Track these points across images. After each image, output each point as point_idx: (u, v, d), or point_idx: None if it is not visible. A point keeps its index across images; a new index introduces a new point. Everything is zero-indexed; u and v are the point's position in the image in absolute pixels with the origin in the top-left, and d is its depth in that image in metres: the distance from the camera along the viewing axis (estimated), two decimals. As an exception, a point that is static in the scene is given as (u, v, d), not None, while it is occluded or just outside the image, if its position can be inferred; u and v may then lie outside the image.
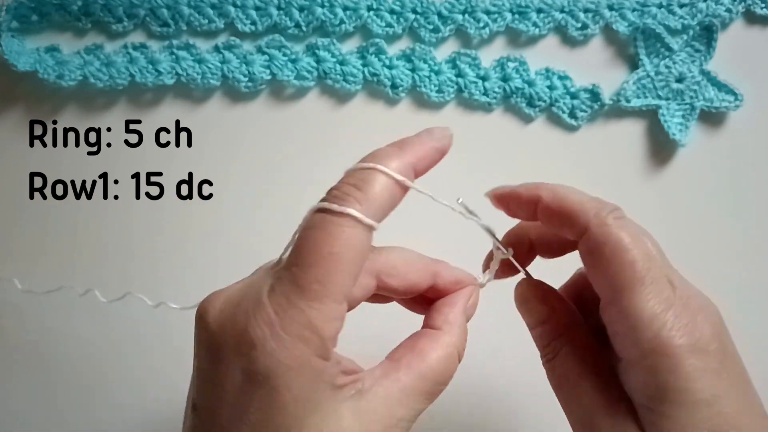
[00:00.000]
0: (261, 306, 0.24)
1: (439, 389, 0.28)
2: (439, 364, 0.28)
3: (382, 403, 0.26)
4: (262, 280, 0.26)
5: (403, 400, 0.27)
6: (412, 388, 0.27)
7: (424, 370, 0.28)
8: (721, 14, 0.47)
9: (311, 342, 0.24)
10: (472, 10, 0.47)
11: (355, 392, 0.26)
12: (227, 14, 0.47)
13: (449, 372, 0.29)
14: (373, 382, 0.27)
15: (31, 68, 0.46)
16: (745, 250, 0.47)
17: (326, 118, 0.48)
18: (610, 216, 0.28)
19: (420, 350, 0.28)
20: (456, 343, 0.29)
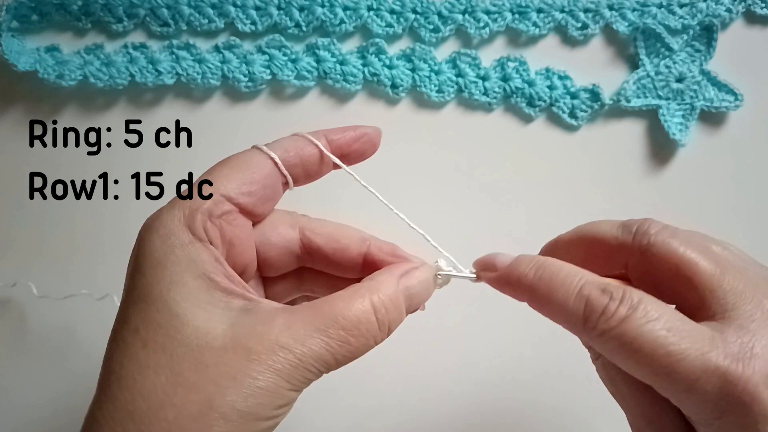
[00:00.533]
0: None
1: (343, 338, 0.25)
2: (347, 309, 0.25)
3: (267, 324, 0.24)
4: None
5: (289, 327, 0.24)
6: (303, 319, 0.25)
7: (325, 309, 0.25)
8: (721, 14, 0.47)
9: (180, 210, 0.26)
10: (473, 10, 0.47)
11: (243, 308, 0.25)
12: (227, 14, 0.47)
13: (359, 324, 0.25)
14: (267, 308, 0.25)
15: (31, 68, 0.46)
16: (745, 250, 0.47)
17: (326, 118, 0.48)
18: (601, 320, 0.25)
19: (334, 296, 0.26)
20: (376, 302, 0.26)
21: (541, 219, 0.47)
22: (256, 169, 0.28)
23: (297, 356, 0.24)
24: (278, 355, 0.24)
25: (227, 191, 0.27)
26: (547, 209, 0.47)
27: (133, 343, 0.24)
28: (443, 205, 0.47)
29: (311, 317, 0.25)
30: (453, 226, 0.47)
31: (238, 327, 0.24)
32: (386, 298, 0.26)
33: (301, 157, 0.29)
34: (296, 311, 0.25)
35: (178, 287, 0.25)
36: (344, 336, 0.25)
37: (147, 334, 0.24)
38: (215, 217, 0.27)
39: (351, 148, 0.30)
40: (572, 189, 0.47)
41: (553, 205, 0.47)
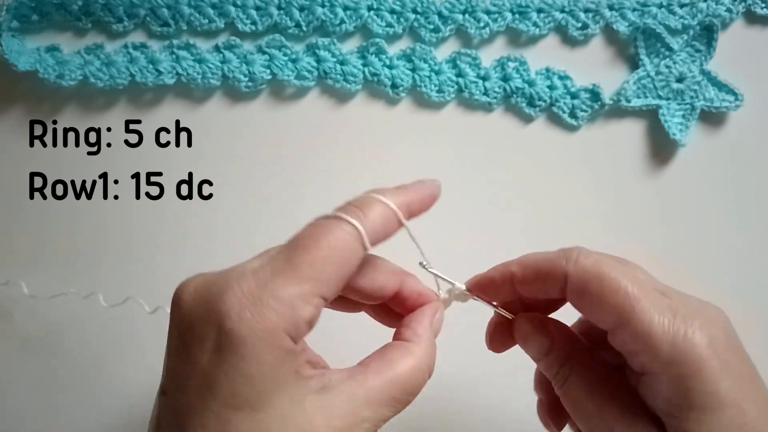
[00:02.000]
0: (243, 278, 0.25)
1: (406, 399, 0.28)
2: (408, 373, 0.28)
3: (347, 401, 0.26)
4: (248, 263, 0.26)
5: (368, 402, 0.27)
6: (379, 391, 0.27)
7: (392, 377, 0.28)
8: (722, 14, 0.47)
9: (286, 318, 0.25)
10: (473, 9, 0.47)
11: (321, 387, 0.26)
12: (227, 14, 0.47)
13: (417, 382, 0.29)
14: (340, 380, 0.27)
15: (31, 68, 0.46)
16: (746, 250, 0.47)
17: (326, 117, 0.48)
18: (580, 256, 0.29)
19: (390, 359, 0.29)
20: (425, 356, 0.29)
21: (541, 219, 0.47)
22: (354, 262, 0.27)
23: (374, 423, 0.27)
24: (362, 426, 0.27)
25: (329, 296, 0.26)
26: (547, 209, 0.47)
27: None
28: (443, 205, 0.47)
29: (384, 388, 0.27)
30: (453, 225, 0.47)
31: (325, 411, 0.26)
32: (431, 352, 0.30)
33: (385, 236, 0.29)
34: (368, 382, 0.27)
35: (282, 392, 0.25)
36: (408, 399, 0.28)
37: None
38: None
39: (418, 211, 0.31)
40: (572, 189, 0.47)
41: (553, 205, 0.47)
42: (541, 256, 0.31)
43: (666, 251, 0.47)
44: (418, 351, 0.29)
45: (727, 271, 0.47)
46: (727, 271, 0.47)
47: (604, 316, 0.28)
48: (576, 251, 0.30)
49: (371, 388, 0.27)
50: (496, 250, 0.47)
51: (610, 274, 0.28)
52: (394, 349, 0.29)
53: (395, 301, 0.32)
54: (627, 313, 0.27)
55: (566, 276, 0.29)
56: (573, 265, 0.29)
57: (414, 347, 0.29)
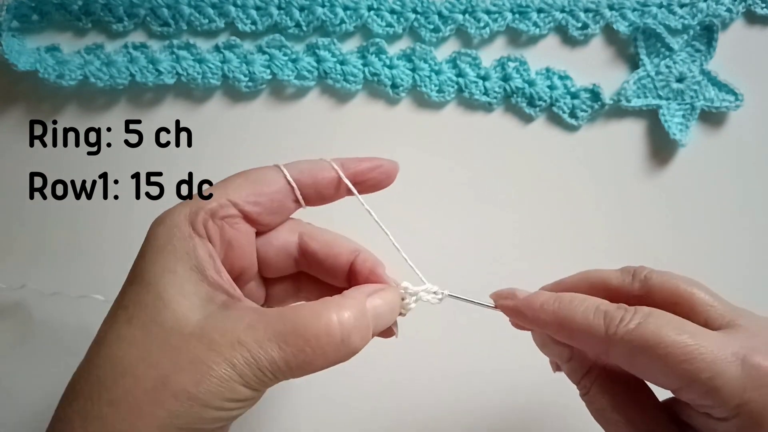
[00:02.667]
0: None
1: (302, 348, 0.26)
2: (311, 322, 0.26)
3: (234, 320, 0.26)
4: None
5: (253, 328, 0.26)
6: (268, 322, 0.26)
7: (290, 316, 0.27)
8: (722, 14, 0.47)
9: (187, 206, 0.29)
10: (473, 9, 0.47)
11: (223, 304, 0.27)
12: (228, 14, 0.47)
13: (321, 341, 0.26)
14: (244, 307, 0.28)
15: (31, 68, 0.46)
16: (746, 250, 0.47)
17: (326, 117, 0.48)
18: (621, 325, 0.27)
19: (302, 305, 0.28)
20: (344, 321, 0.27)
21: (542, 219, 0.47)
22: (267, 184, 0.30)
23: (252, 355, 0.26)
24: (236, 350, 0.26)
25: (234, 198, 0.30)
26: (547, 209, 0.47)
27: (119, 317, 0.27)
28: (444, 204, 0.47)
29: (274, 321, 0.26)
30: (453, 225, 0.47)
31: (210, 319, 0.27)
32: (351, 315, 0.27)
33: (315, 179, 0.31)
34: (265, 314, 0.27)
35: (169, 274, 0.27)
36: (301, 346, 0.26)
37: (133, 312, 0.27)
38: (218, 218, 0.29)
39: (366, 176, 0.32)
40: (572, 189, 0.47)
41: (553, 205, 0.47)
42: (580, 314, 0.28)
43: (666, 251, 0.47)
44: (333, 309, 0.27)
45: (727, 271, 0.47)
46: (728, 271, 0.47)
47: (663, 383, 0.27)
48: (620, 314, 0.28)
49: (262, 318, 0.26)
50: (496, 249, 0.47)
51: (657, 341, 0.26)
52: (314, 301, 0.28)
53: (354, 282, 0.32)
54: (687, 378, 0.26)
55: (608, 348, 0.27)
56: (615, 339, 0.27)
57: (331, 304, 0.27)
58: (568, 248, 0.47)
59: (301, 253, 0.32)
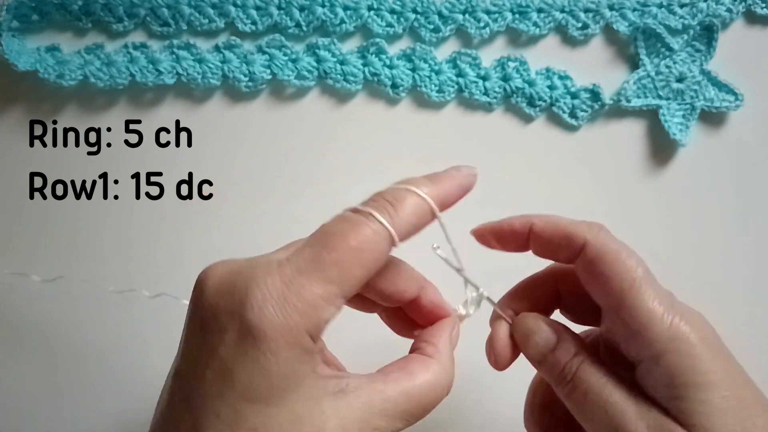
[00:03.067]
0: (269, 272, 0.25)
1: (420, 414, 0.28)
2: (427, 386, 0.28)
3: (363, 408, 0.26)
4: (274, 254, 0.27)
5: (383, 412, 0.27)
6: (395, 402, 0.27)
7: (411, 389, 0.28)
8: (722, 14, 0.47)
9: (308, 317, 0.25)
10: (473, 9, 0.47)
11: (338, 390, 0.26)
12: (228, 14, 0.47)
13: (434, 398, 0.28)
14: (358, 386, 0.27)
15: (31, 68, 0.46)
16: (746, 250, 0.47)
17: (326, 117, 0.48)
18: (601, 231, 0.30)
19: (410, 371, 0.28)
20: (445, 372, 0.29)
21: (542, 219, 0.47)
22: (381, 262, 0.27)
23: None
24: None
25: (351, 294, 0.26)
26: (547, 209, 0.47)
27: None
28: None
29: (401, 402, 0.27)
30: (453, 225, 0.47)
31: (341, 415, 0.26)
32: (450, 369, 0.30)
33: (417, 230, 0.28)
34: (386, 392, 0.27)
35: (298, 390, 0.25)
36: (421, 414, 0.28)
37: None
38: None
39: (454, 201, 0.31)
40: (572, 189, 0.47)
41: (553, 205, 0.47)
42: (565, 220, 0.31)
43: (666, 251, 0.47)
44: (437, 367, 0.29)
45: (727, 271, 0.47)
46: (728, 271, 0.47)
47: (608, 291, 0.29)
48: (598, 225, 0.31)
49: (388, 398, 0.27)
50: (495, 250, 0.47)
51: (624, 253, 0.29)
52: (416, 362, 0.29)
53: (411, 308, 0.32)
54: (634, 289, 0.28)
55: (585, 243, 0.30)
56: (594, 235, 0.30)
57: (434, 363, 0.29)
58: (568, 248, 0.47)
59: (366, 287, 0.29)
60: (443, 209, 0.29)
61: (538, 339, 0.31)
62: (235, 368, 0.24)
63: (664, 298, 0.28)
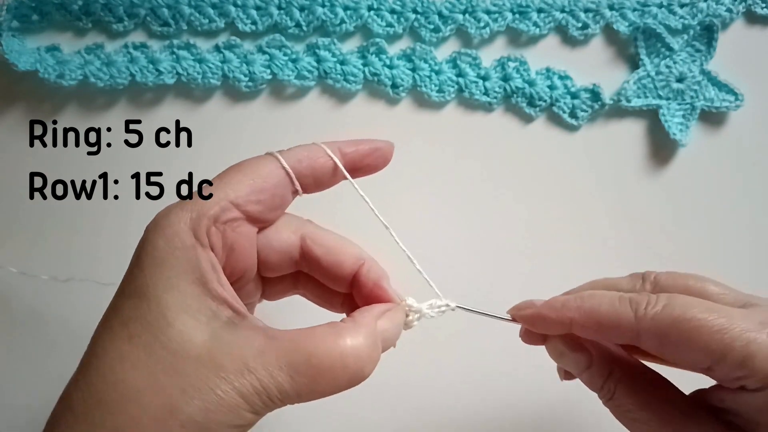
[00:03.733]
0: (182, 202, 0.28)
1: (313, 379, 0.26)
2: (324, 352, 0.26)
3: (243, 345, 0.25)
4: None
5: (263, 356, 0.25)
6: (279, 350, 0.25)
7: (303, 346, 0.26)
8: (722, 14, 0.47)
9: (188, 211, 0.27)
10: (473, 9, 0.47)
11: (228, 321, 0.26)
12: (228, 14, 0.47)
13: (334, 370, 0.26)
14: (251, 326, 0.26)
15: (31, 68, 0.46)
16: (746, 250, 0.47)
17: (327, 117, 0.48)
18: (648, 307, 0.28)
19: (313, 331, 0.27)
20: (356, 347, 0.26)
21: (542, 219, 0.47)
22: (267, 178, 0.29)
23: (262, 383, 0.25)
24: (245, 377, 0.25)
25: (236, 198, 0.28)
26: (548, 209, 0.47)
27: (119, 333, 0.25)
28: (443, 205, 0.47)
29: (286, 350, 0.25)
30: (453, 225, 0.47)
31: (217, 341, 0.25)
32: (365, 344, 0.27)
33: (313, 167, 0.30)
34: (275, 338, 0.26)
35: (173, 290, 0.26)
36: (313, 377, 0.26)
37: (134, 329, 0.25)
38: (220, 223, 0.27)
39: (363, 162, 0.31)
40: (572, 189, 0.47)
41: (553, 205, 0.47)
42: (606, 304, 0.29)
43: (666, 251, 0.47)
44: (347, 337, 0.26)
45: (727, 270, 0.47)
46: (728, 271, 0.47)
47: (696, 359, 0.27)
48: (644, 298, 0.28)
49: (273, 345, 0.25)
50: (496, 250, 0.47)
51: (688, 318, 0.27)
52: (324, 326, 0.27)
53: (355, 290, 0.31)
54: (721, 350, 0.26)
55: (638, 332, 0.28)
56: (644, 321, 0.28)
57: (344, 332, 0.27)
58: (569, 248, 0.47)
59: (303, 256, 0.31)
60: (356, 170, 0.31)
61: (568, 362, 0.31)
62: (126, 273, 0.27)
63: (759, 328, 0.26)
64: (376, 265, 0.31)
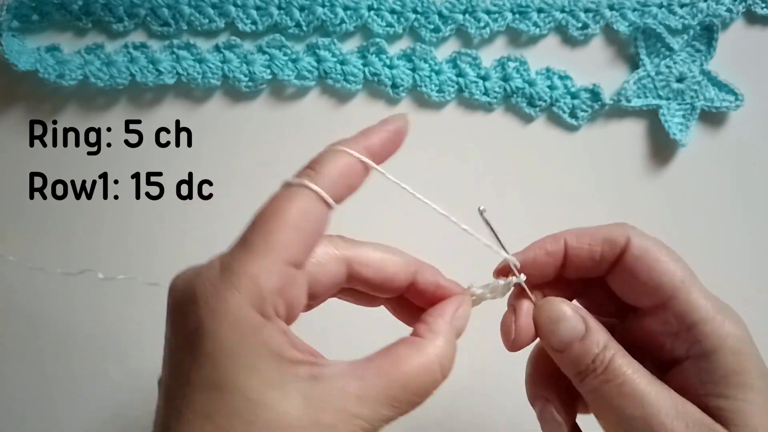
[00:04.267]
0: (212, 264, 0.25)
1: (411, 400, 0.26)
2: (415, 372, 0.26)
3: (338, 395, 0.24)
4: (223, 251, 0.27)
5: (362, 399, 0.25)
6: (376, 387, 0.25)
7: (395, 375, 0.26)
8: (722, 14, 0.47)
9: (247, 291, 0.24)
10: (473, 9, 0.47)
11: (310, 376, 0.25)
12: (228, 14, 0.47)
13: (425, 383, 0.26)
14: (336, 372, 0.25)
15: (31, 68, 0.46)
16: (746, 250, 0.47)
17: (327, 117, 0.48)
18: (637, 229, 0.30)
19: (396, 355, 0.26)
20: (439, 355, 0.27)
21: (542, 219, 0.47)
22: (316, 223, 0.26)
23: (368, 422, 0.25)
24: (352, 423, 0.24)
25: (291, 258, 0.26)
26: (548, 209, 0.47)
27: (206, 428, 0.24)
28: (443, 205, 0.47)
29: (381, 387, 0.25)
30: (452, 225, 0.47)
31: (311, 403, 0.24)
32: (449, 353, 0.27)
33: (349, 185, 0.28)
34: (364, 378, 0.25)
35: (252, 373, 0.24)
36: (410, 399, 0.26)
37: (222, 421, 0.24)
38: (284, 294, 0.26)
39: (386, 150, 0.30)
40: (572, 189, 0.47)
41: (553, 205, 0.47)
42: (591, 227, 0.31)
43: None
44: (430, 348, 0.27)
45: (727, 270, 0.47)
46: (728, 271, 0.47)
47: (659, 286, 0.29)
48: (631, 225, 0.30)
49: (368, 384, 0.25)
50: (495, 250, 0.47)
51: (669, 249, 0.29)
52: (403, 345, 0.27)
53: (413, 294, 0.31)
54: (685, 286, 0.28)
55: (628, 241, 0.29)
56: (636, 233, 0.30)
57: (426, 344, 0.27)
58: (569, 248, 0.47)
59: (351, 279, 0.29)
60: (379, 161, 0.29)
61: (566, 326, 0.29)
62: (188, 361, 0.24)
63: (711, 296, 0.28)
64: (427, 267, 0.31)
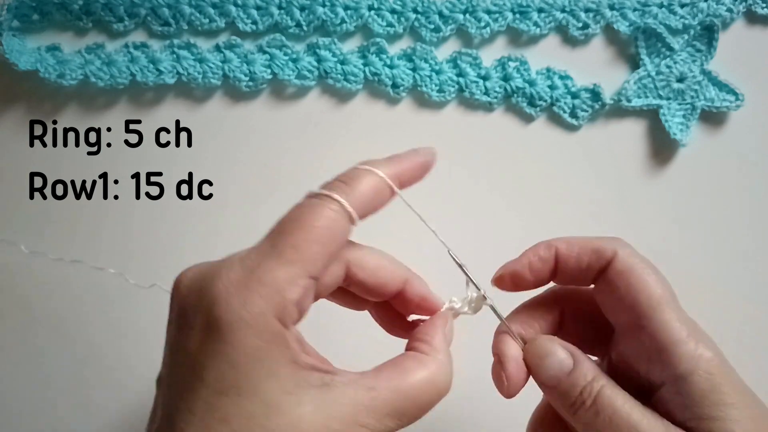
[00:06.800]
0: (231, 265, 0.25)
1: (414, 413, 0.27)
2: (420, 386, 0.27)
3: (348, 404, 0.25)
4: (239, 252, 0.27)
5: (371, 410, 0.26)
6: (385, 399, 0.26)
7: (403, 388, 0.27)
8: (722, 14, 0.47)
9: (271, 300, 0.25)
10: (473, 9, 0.47)
11: (322, 384, 0.26)
12: (228, 13, 0.47)
13: (429, 398, 0.28)
14: (347, 381, 0.26)
15: (32, 67, 0.46)
16: (746, 250, 0.47)
17: (327, 117, 0.48)
18: (627, 245, 0.31)
19: (404, 368, 0.28)
20: (440, 371, 0.28)
21: (542, 218, 0.47)
22: (342, 238, 0.27)
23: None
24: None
25: (313, 271, 0.26)
26: (548, 209, 0.47)
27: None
28: (443, 204, 0.47)
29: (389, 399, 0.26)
30: (452, 226, 0.47)
31: (322, 410, 0.25)
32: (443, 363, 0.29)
33: (375, 207, 0.29)
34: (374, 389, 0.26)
35: (270, 378, 0.25)
36: (415, 413, 0.27)
37: (239, 425, 0.24)
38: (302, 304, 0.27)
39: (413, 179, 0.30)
40: (573, 189, 0.47)
41: (553, 205, 0.47)
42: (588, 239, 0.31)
43: (666, 251, 0.47)
44: (433, 365, 0.28)
45: (727, 270, 0.47)
46: (728, 271, 0.47)
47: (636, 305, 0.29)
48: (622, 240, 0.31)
49: (378, 395, 0.26)
50: (496, 250, 0.47)
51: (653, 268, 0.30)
52: (410, 360, 0.28)
53: (398, 302, 0.32)
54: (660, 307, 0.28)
55: (614, 255, 0.30)
56: (623, 248, 0.30)
57: (429, 360, 0.28)
58: (569, 248, 0.47)
59: (346, 279, 0.30)
60: (403, 187, 0.30)
61: (552, 361, 0.30)
62: (204, 362, 0.25)
63: (689, 320, 0.29)
64: (416, 277, 0.32)
